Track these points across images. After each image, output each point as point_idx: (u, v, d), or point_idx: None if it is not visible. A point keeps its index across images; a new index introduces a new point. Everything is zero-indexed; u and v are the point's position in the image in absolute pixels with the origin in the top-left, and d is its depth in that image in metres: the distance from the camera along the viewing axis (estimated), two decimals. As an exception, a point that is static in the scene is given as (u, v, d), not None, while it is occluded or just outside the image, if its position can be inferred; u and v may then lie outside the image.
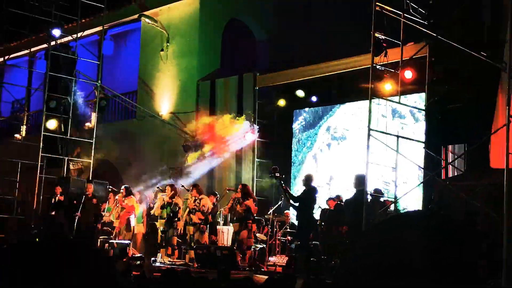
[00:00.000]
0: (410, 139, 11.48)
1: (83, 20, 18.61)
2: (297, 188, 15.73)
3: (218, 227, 14.45)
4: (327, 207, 13.39)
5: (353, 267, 6.36)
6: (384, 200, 11.89)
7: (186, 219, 13.75)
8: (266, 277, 10.79)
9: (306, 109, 16.56)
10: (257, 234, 13.84)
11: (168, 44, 18.35)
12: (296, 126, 16.87)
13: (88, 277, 5.39)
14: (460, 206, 9.13)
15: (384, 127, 11.35)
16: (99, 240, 14.32)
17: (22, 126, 20.70)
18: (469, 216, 8.89)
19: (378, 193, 11.72)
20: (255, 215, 13.20)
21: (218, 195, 14.45)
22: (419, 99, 13.21)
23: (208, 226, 13.79)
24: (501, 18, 9.48)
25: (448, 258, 5.76)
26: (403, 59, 11.24)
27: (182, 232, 13.92)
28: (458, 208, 9.23)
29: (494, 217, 8.23)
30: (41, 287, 5.13)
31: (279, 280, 6.66)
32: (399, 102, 11.62)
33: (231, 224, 13.99)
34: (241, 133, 16.10)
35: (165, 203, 14.02)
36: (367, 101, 10.78)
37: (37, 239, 13.71)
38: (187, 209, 13.76)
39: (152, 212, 14.49)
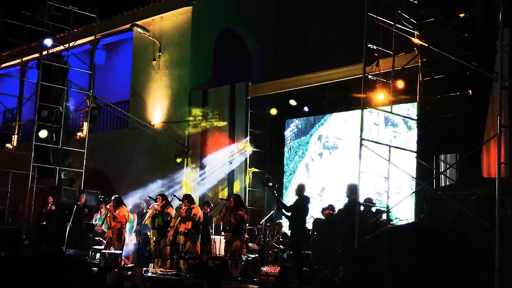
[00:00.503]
0: (402, 148, 11.46)
1: (75, 30, 18.64)
2: (288, 198, 15.70)
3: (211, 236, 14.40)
4: (319, 216, 13.36)
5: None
6: (376, 210, 11.87)
7: (178, 228, 13.67)
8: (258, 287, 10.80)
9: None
10: (250, 244, 13.80)
11: (160, 53, 18.34)
12: (288, 133, 16.88)
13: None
14: (453, 216, 9.10)
15: (377, 136, 11.31)
16: (90, 250, 14.24)
17: (13, 136, 20.65)
18: (461, 222, 8.85)
19: (369, 202, 11.70)
20: (247, 225, 13.19)
21: (212, 205, 14.42)
22: (412, 107, 13.23)
23: (200, 235, 13.73)
24: (493, 28, 9.51)
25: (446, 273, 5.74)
26: (395, 68, 11.25)
27: (171, 239, 13.81)
28: (450, 218, 9.21)
29: (487, 226, 8.21)
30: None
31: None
32: (391, 112, 11.61)
33: (223, 233, 13.93)
34: (234, 145, 16.13)
35: (157, 212, 13.96)
36: (359, 110, 10.77)
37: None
38: (179, 217, 13.71)
39: (143, 222, 14.41)
